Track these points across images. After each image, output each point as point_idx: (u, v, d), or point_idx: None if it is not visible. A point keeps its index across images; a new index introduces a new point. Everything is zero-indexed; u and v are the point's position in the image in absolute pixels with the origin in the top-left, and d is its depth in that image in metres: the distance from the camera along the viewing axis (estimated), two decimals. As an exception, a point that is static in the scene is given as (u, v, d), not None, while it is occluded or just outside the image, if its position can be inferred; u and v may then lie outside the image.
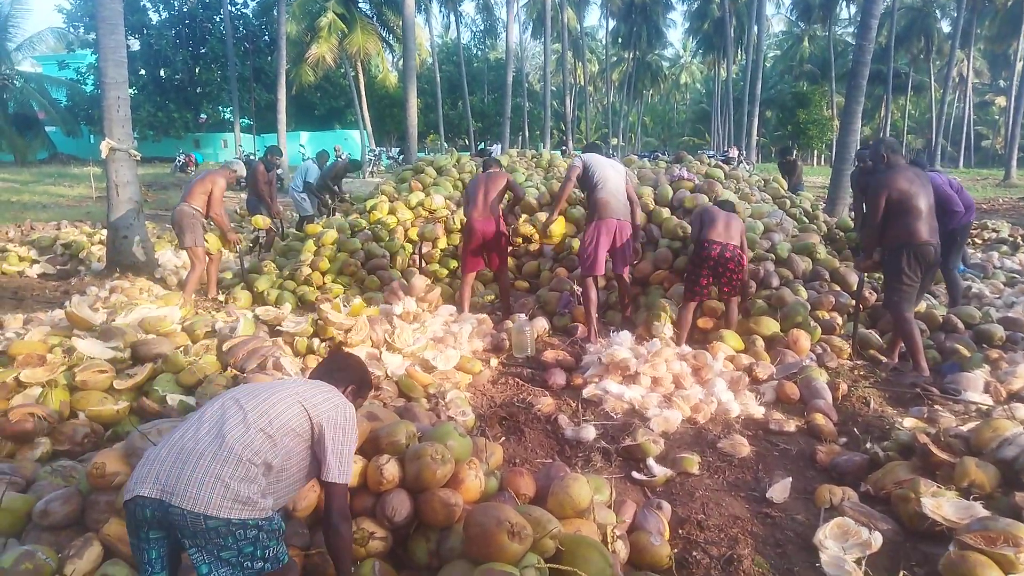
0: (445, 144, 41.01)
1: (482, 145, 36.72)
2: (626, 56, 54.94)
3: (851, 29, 49.14)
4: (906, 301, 5.10)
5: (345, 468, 2.39)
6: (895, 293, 5.11)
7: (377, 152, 34.57)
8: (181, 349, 4.47)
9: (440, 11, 47.02)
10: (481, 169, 6.87)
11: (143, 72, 34.45)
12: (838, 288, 6.27)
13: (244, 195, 14.71)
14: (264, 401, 2.29)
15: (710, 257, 5.56)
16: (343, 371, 2.71)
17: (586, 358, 5.45)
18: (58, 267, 9.56)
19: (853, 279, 6.14)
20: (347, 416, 2.45)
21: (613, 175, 6.01)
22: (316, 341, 5.02)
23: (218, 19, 34.19)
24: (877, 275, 6.56)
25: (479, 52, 55.35)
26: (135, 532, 2.11)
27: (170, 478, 2.03)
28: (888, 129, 46.79)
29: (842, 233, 7.70)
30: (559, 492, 2.94)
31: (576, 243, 7.47)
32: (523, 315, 6.29)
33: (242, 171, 8.07)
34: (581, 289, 6.13)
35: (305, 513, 2.74)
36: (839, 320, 5.89)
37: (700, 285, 5.69)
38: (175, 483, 2.02)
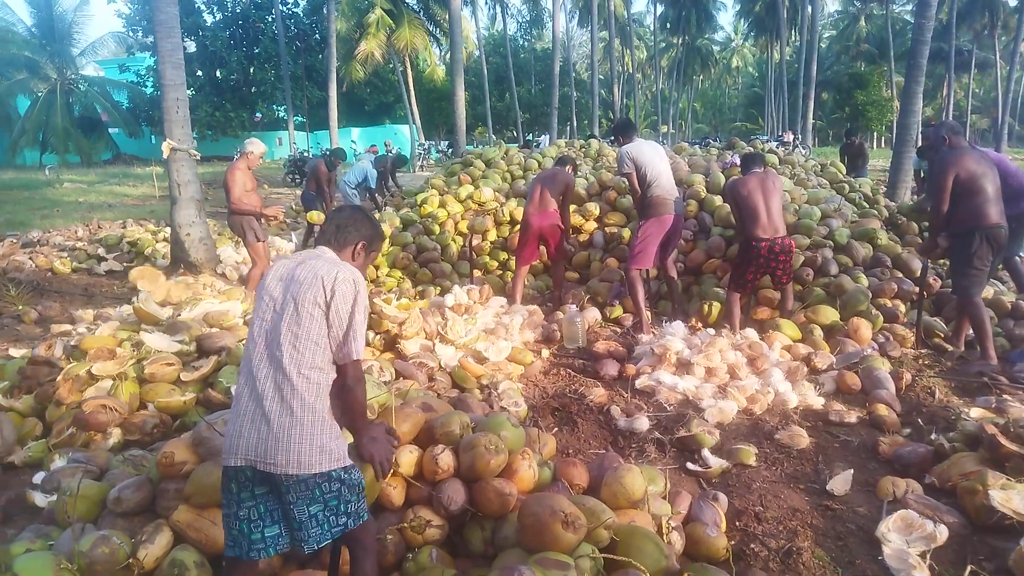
0: (493, 136, 41.08)
1: (529, 136, 36.64)
2: (675, 41, 54.04)
3: (909, 7, 47.27)
4: (976, 286, 4.92)
5: (360, 344, 2.31)
6: (964, 278, 4.92)
7: (426, 146, 34.87)
8: (243, 342, 4.60)
9: (486, 3, 47.03)
10: (553, 163, 6.86)
11: (200, 73, 35.44)
12: (900, 275, 6.08)
13: (299, 191, 15.00)
14: (297, 338, 2.20)
15: (760, 255, 5.40)
16: (350, 227, 2.48)
17: (638, 348, 5.41)
18: (125, 264, 9.92)
19: (916, 265, 5.94)
20: (350, 284, 2.28)
21: (664, 167, 5.92)
22: (371, 334, 5.11)
23: (270, 19, 34.89)
24: (942, 260, 6.34)
25: (525, 43, 55.14)
26: (241, 491, 2.19)
27: (250, 448, 2.12)
28: (951, 109, 44.96)
29: (904, 218, 7.45)
30: (613, 483, 2.94)
31: (626, 233, 7.42)
32: (574, 306, 6.28)
33: (257, 149, 7.15)
34: (628, 281, 6.07)
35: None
36: (902, 308, 5.72)
37: (746, 279, 5.57)
38: (257, 451, 2.12)
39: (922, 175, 10.55)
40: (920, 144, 7.53)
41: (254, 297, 6.69)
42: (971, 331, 5.24)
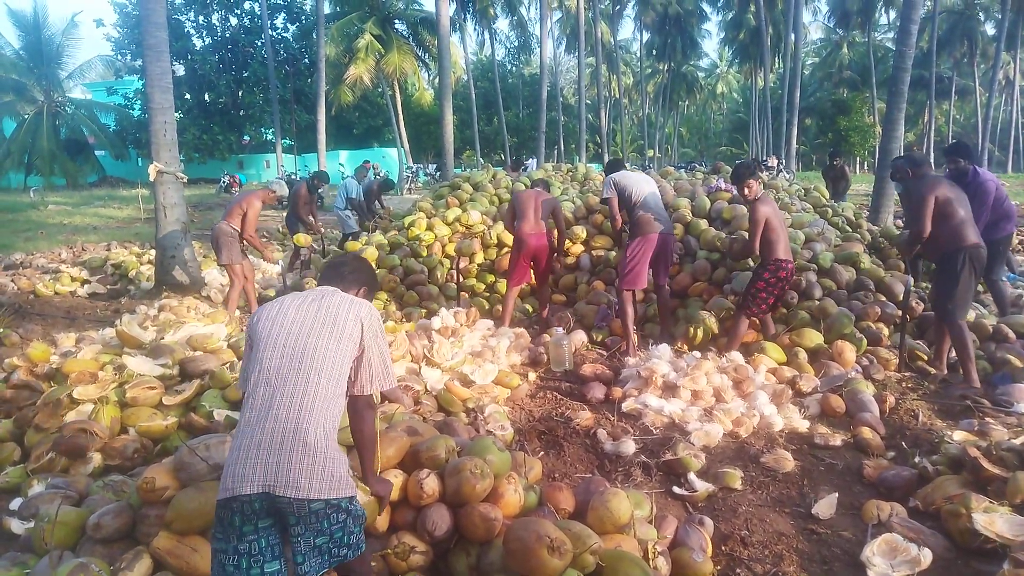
0: (481, 160, 41.30)
1: (515, 157, 36.86)
2: (661, 68, 54.78)
3: (891, 35, 48.31)
4: (960, 309, 5.00)
5: (390, 373, 2.49)
6: (950, 300, 4.99)
7: (415, 169, 34.96)
8: (227, 365, 4.57)
9: (475, 29, 47.41)
10: (530, 185, 6.97)
11: (188, 96, 35.52)
12: (883, 298, 6.14)
13: (285, 214, 14.99)
14: (317, 365, 2.25)
15: (788, 277, 5.42)
16: (354, 273, 2.64)
17: (625, 371, 5.41)
18: (108, 287, 9.85)
19: (899, 289, 6.00)
20: (378, 320, 2.48)
21: (649, 189, 6.07)
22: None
23: (259, 43, 35.08)
24: (924, 284, 6.42)
25: (514, 68, 55.65)
26: (244, 525, 2.10)
27: (269, 473, 2.06)
28: (932, 134, 45.74)
29: (886, 242, 7.54)
30: (599, 507, 2.93)
31: (613, 255, 7.46)
32: (560, 329, 6.29)
33: (282, 191, 8.15)
34: (618, 302, 6.11)
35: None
36: (885, 331, 5.76)
37: (766, 303, 5.50)
38: (277, 476, 2.06)
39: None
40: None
41: (235, 318, 6.78)
42: (953, 354, 5.29)
